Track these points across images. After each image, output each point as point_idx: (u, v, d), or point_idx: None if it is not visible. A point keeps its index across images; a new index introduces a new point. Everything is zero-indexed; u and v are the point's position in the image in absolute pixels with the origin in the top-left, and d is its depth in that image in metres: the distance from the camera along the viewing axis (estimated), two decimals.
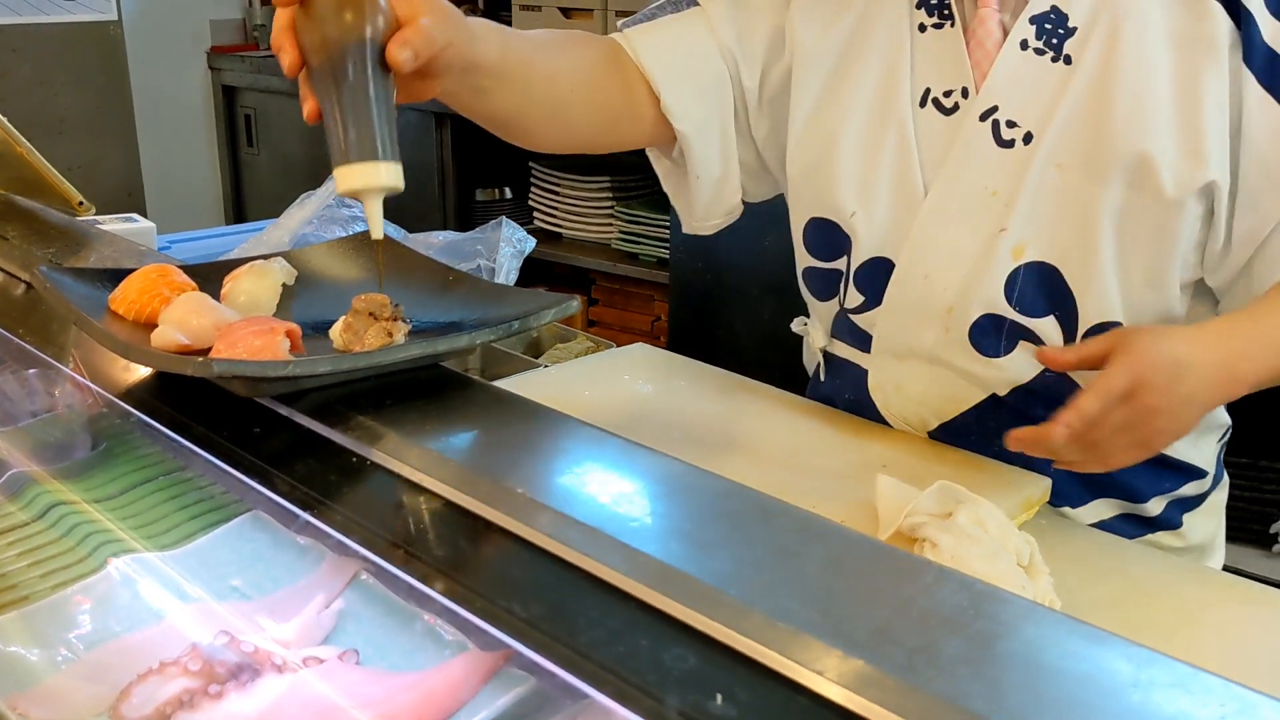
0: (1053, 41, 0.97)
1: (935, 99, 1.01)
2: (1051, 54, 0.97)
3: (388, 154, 0.79)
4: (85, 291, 0.92)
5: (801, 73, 1.07)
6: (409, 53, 0.78)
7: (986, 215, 0.99)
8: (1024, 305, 0.99)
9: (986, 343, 1.02)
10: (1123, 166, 0.94)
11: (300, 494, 0.73)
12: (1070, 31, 0.96)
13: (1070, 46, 0.96)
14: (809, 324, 1.21)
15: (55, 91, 3.07)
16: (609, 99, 1.05)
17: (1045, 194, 0.97)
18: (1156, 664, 0.52)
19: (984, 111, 0.98)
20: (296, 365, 0.78)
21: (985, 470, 1.01)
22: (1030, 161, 0.97)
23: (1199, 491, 1.10)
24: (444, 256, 1.50)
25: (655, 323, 2.89)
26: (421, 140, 3.23)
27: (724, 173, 1.11)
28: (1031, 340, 1.00)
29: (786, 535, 0.63)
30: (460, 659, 0.61)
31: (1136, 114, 0.93)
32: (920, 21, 1.02)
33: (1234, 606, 0.87)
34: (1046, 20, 0.97)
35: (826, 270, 1.11)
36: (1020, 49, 0.97)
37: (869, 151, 1.04)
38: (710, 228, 1.16)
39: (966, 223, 1.00)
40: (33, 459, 0.84)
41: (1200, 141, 0.92)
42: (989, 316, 1.01)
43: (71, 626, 0.67)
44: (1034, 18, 0.97)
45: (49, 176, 1.34)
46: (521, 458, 0.74)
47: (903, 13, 1.03)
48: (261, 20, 3.80)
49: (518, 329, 0.88)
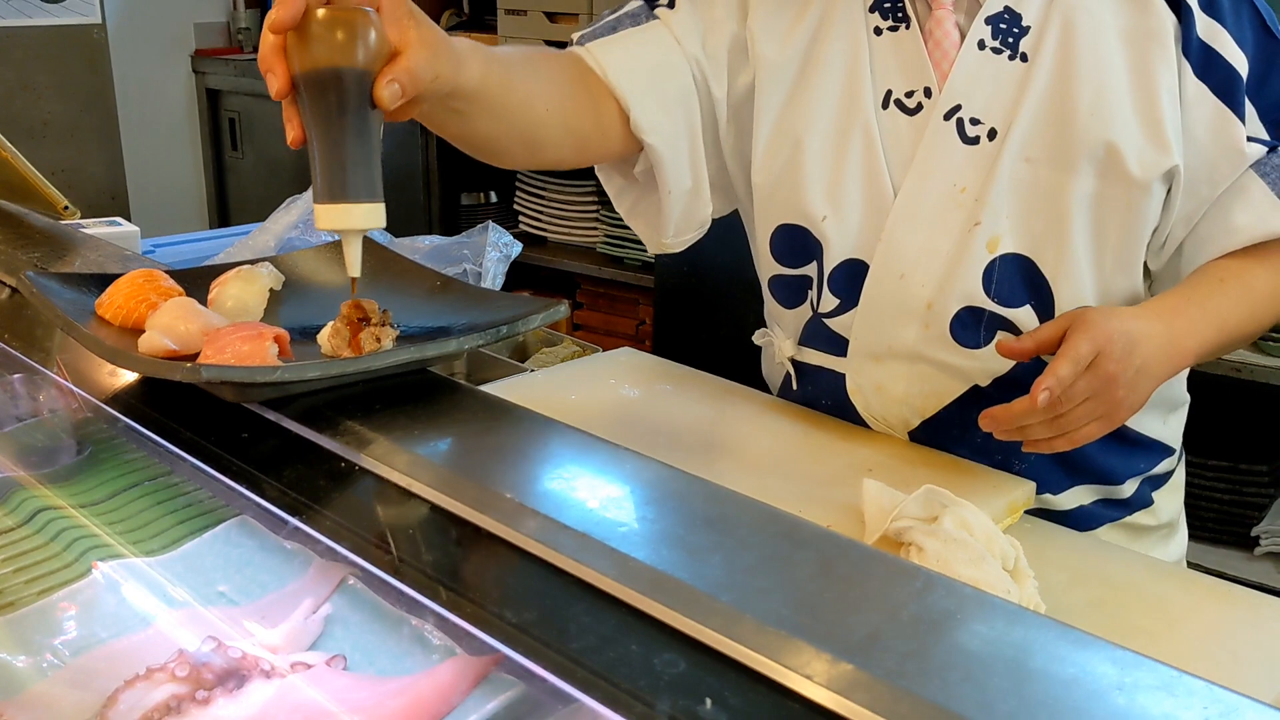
0: (1009, 40, 1.00)
1: (898, 99, 1.03)
2: (1009, 52, 1.00)
3: (369, 194, 0.78)
4: (72, 297, 0.91)
5: (764, 82, 1.08)
6: (396, 89, 0.77)
7: (958, 211, 1.01)
8: (1002, 296, 1.02)
9: (966, 335, 1.04)
10: (1090, 156, 0.97)
11: (288, 499, 0.73)
12: (1024, 30, 1.00)
13: (1026, 45, 1.00)
14: (772, 334, 1.22)
15: (38, 95, 3.06)
16: (580, 119, 1.05)
17: (1016, 187, 1.00)
18: (1141, 667, 0.52)
19: (948, 111, 1.01)
20: (285, 371, 0.78)
21: (971, 474, 1.02)
22: (998, 157, 1.00)
23: (1168, 469, 1.14)
24: (430, 261, 1.49)
25: (640, 326, 2.90)
26: (406, 144, 3.23)
27: (695, 185, 1.10)
28: (1010, 330, 1.03)
29: (775, 540, 0.64)
30: (448, 664, 0.61)
31: (1099, 105, 0.97)
32: (876, 25, 1.05)
33: (1217, 609, 0.88)
34: (1001, 20, 1.00)
35: (795, 277, 1.13)
36: (978, 49, 1.00)
37: (836, 155, 1.05)
38: (681, 244, 1.15)
39: (939, 220, 1.02)
40: (18, 464, 0.83)
41: (1160, 128, 0.96)
42: (969, 309, 1.03)
43: (58, 633, 0.67)
44: (989, 18, 1.00)
45: (34, 180, 1.33)
46: (510, 462, 0.75)
47: (858, 18, 1.05)
48: (246, 24, 3.79)
49: (506, 334, 0.88)
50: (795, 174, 1.07)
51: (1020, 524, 0.99)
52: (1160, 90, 0.96)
